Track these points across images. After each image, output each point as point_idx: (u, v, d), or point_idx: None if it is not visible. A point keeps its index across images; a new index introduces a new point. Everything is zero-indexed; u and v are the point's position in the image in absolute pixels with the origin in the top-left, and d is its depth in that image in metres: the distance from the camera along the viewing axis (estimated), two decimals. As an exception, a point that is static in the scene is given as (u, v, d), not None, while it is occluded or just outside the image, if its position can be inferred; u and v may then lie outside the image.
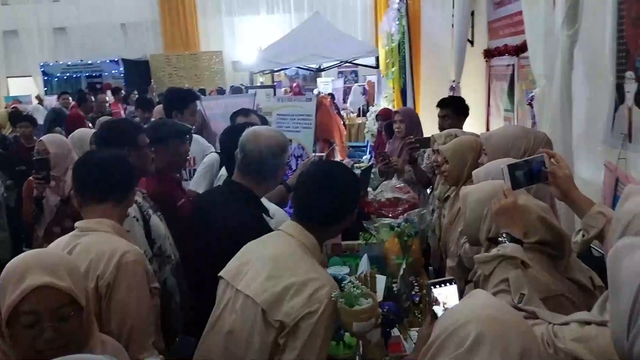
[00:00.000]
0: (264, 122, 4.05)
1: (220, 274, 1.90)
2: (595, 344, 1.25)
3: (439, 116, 4.20)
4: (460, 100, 4.34)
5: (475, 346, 1.04)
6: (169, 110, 4.20)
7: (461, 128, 4.00)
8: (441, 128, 4.02)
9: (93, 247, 1.86)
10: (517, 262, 1.67)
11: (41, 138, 3.42)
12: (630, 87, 2.60)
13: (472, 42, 5.88)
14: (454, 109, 4.15)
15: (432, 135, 3.45)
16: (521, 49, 4.19)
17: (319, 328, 1.64)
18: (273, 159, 2.34)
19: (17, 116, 6.57)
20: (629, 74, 2.60)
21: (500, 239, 1.79)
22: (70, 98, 9.98)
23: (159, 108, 5.29)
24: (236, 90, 10.00)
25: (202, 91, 10.64)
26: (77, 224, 1.98)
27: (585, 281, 1.89)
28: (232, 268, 1.87)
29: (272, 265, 1.77)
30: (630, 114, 2.61)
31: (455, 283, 1.72)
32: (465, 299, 1.28)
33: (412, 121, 4.57)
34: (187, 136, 3.09)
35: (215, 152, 3.58)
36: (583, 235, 1.82)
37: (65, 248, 1.88)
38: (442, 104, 4.24)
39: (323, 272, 1.83)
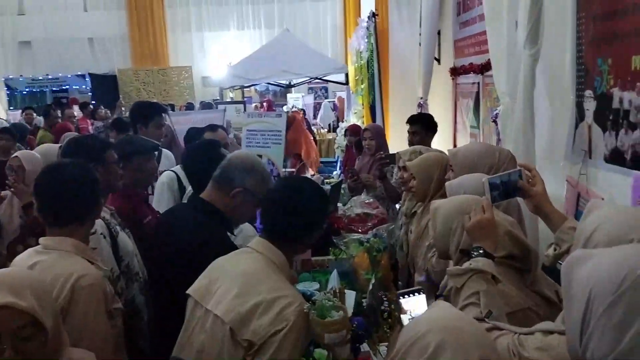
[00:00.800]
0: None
1: (189, 291, 1.87)
2: (556, 352, 1.29)
3: (408, 132, 4.27)
4: (430, 117, 4.43)
5: (436, 354, 1.09)
6: (134, 124, 4.15)
7: (429, 144, 4.08)
8: (411, 144, 4.08)
9: (50, 269, 1.82)
10: (488, 276, 1.70)
11: (16, 154, 3.25)
12: (589, 105, 2.68)
13: (438, 60, 6.00)
14: (423, 126, 4.23)
15: (398, 152, 3.49)
16: (486, 67, 4.28)
17: (285, 344, 1.64)
18: (241, 173, 2.23)
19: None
20: (588, 92, 2.68)
21: (472, 252, 1.81)
22: (34, 113, 9.76)
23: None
24: (206, 105, 9.94)
25: (172, 106, 10.54)
26: (40, 239, 1.95)
27: (551, 295, 1.92)
28: (201, 286, 1.85)
29: (240, 283, 1.75)
30: (590, 131, 2.69)
31: (423, 293, 1.74)
32: (427, 310, 1.35)
33: (382, 138, 4.64)
34: (156, 152, 3.05)
35: (171, 170, 3.50)
36: (555, 249, 1.86)
37: (26, 264, 1.84)
38: (411, 120, 4.32)
39: (291, 289, 1.82)
